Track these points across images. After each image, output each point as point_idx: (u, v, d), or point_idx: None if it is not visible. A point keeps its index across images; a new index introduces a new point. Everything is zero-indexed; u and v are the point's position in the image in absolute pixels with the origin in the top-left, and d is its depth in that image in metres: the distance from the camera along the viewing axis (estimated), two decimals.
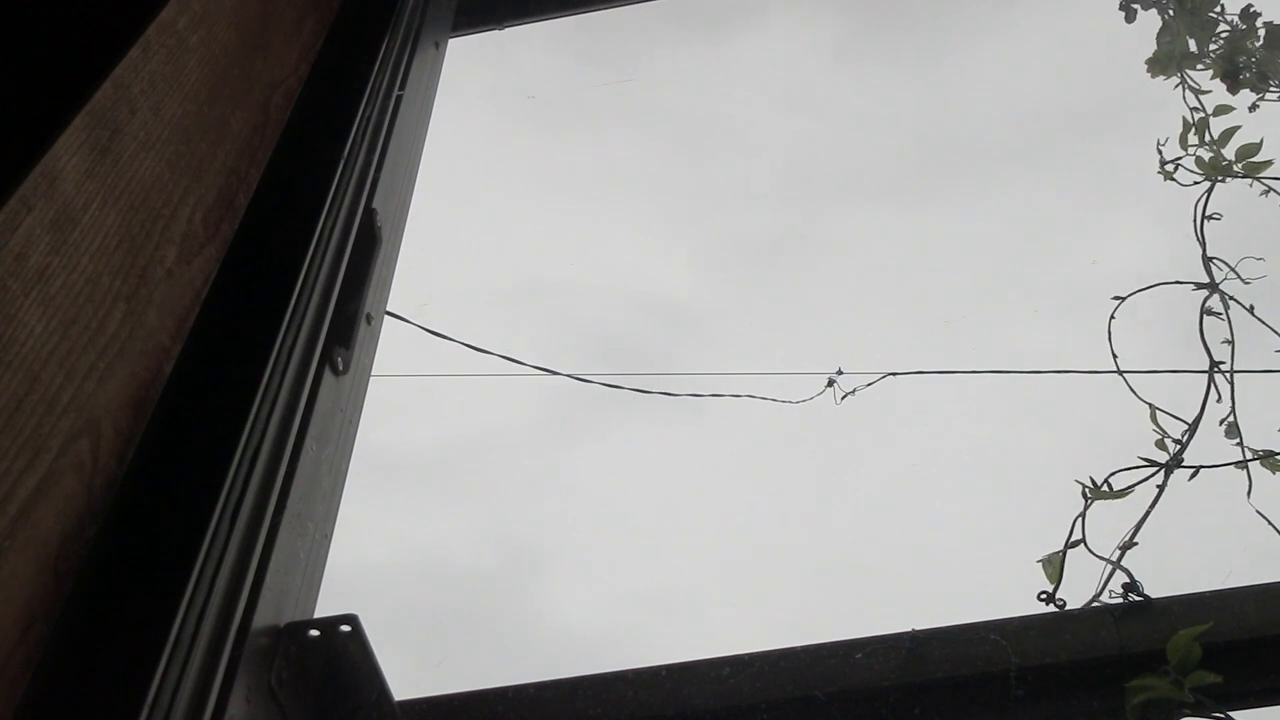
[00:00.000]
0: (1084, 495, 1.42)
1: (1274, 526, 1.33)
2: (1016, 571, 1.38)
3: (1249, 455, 1.48)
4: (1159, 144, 1.83)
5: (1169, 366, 1.73)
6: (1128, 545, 1.32)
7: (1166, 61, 1.98)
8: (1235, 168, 1.76)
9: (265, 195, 1.25)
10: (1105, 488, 1.43)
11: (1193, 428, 1.51)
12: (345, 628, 0.97)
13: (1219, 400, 1.55)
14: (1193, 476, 1.44)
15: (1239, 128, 1.79)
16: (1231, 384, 1.56)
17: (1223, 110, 1.85)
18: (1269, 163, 1.75)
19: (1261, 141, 1.77)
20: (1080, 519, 1.40)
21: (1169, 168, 1.80)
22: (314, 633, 0.97)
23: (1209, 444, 1.50)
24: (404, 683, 1.03)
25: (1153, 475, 1.44)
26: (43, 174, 0.90)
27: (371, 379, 1.29)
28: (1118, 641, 1.10)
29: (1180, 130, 1.84)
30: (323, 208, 1.22)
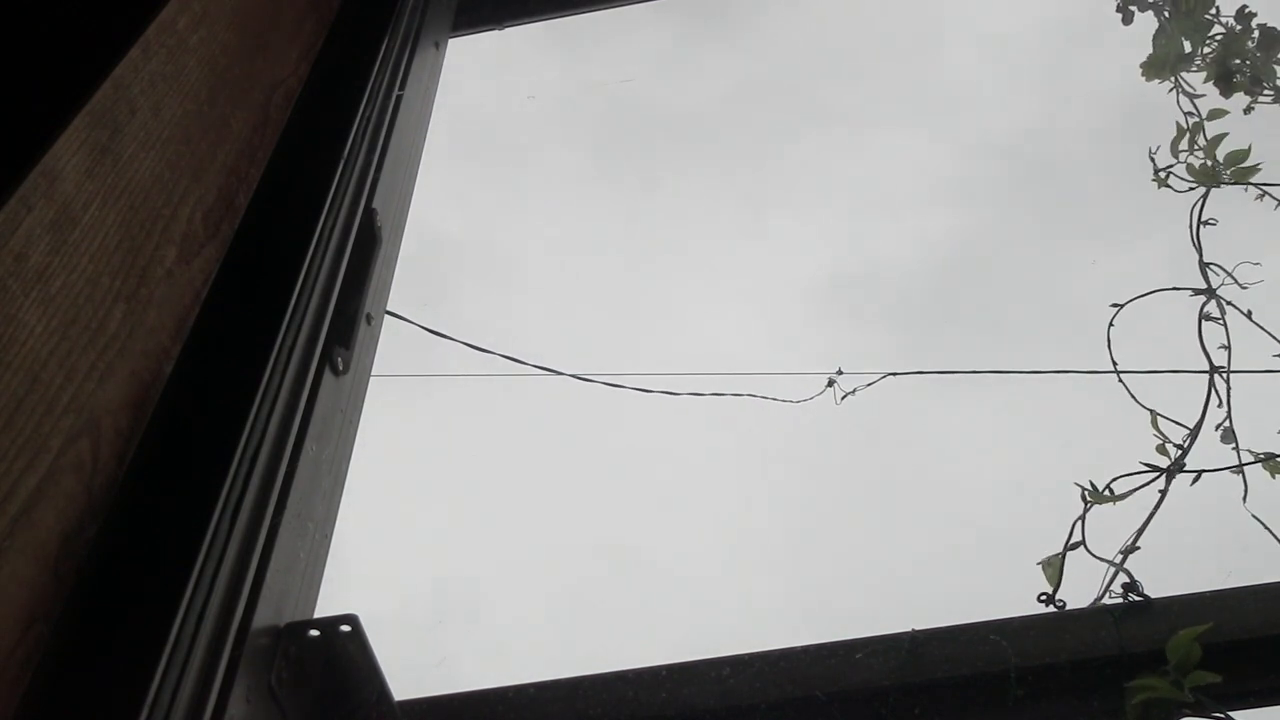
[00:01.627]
0: (1084, 499, 1.42)
1: (1271, 532, 1.34)
2: (1016, 573, 1.38)
3: (1250, 458, 1.49)
4: (1151, 152, 1.83)
5: (1169, 370, 1.73)
6: (1129, 550, 1.32)
7: (1161, 65, 1.99)
8: (1225, 175, 1.76)
9: (265, 195, 1.25)
10: (1106, 492, 1.43)
11: (1194, 433, 1.51)
12: (345, 628, 0.97)
13: (1220, 405, 1.55)
14: (1194, 481, 1.45)
15: (1227, 134, 1.80)
16: (1228, 388, 1.57)
17: (1216, 114, 1.85)
18: (1257, 168, 1.75)
19: (1250, 148, 1.77)
20: (1080, 522, 1.40)
21: (1162, 174, 1.80)
22: (314, 633, 0.97)
23: (1210, 447, 1.50)
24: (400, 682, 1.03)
25: (1154, 480, 1.44)
26: (43, 174, 0.90)
27: (371, 379, 1.29)
28: (1118, 641, 1.10)
29: (1173, 136, 1.84)
30: (323, 208, 1.22)
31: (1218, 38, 1.97)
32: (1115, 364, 1.64)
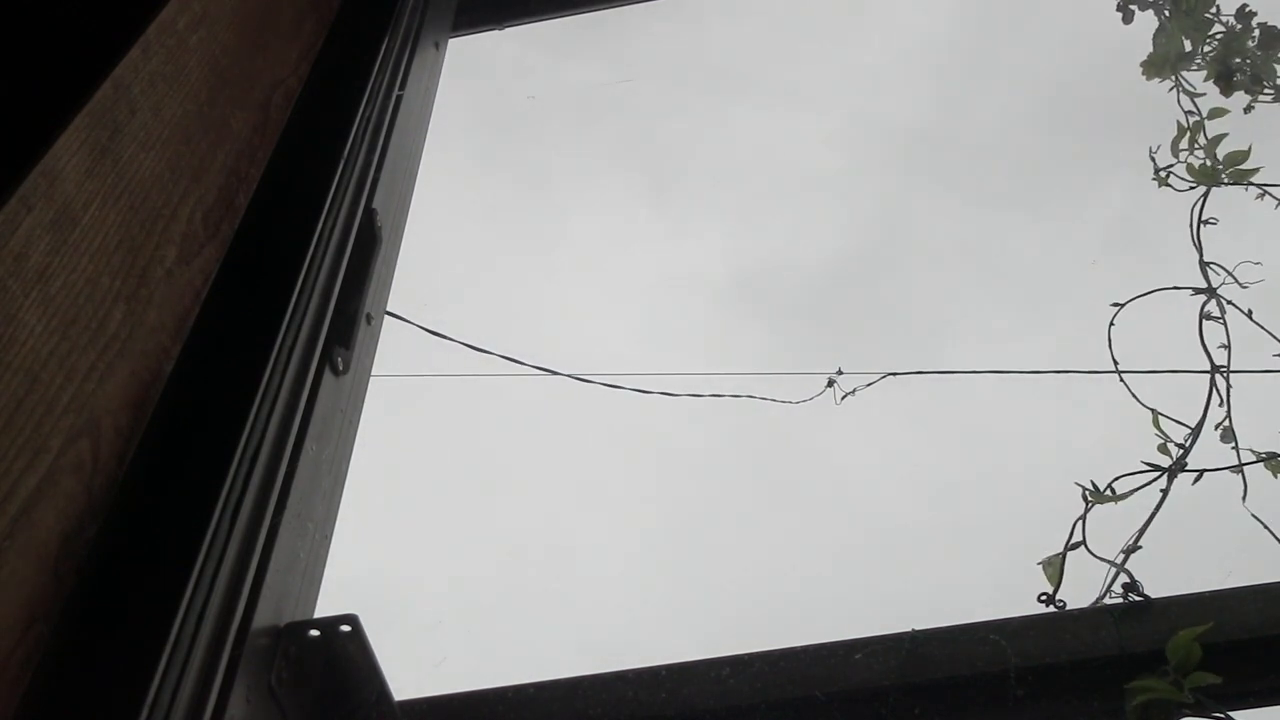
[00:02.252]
0: (1084, 499, 1.42)
1: (1270, 531, 1.34)
2: (1016, 573, 1.38)
3: (1252, 457, 1.49)
4: (1151, 151, 1.83)
5: (1170, 369, 1.74)
6: (1131, 549, 1.32)
7: (1161, 64, 1.99)
8: (1224, 175, 1.76)
9: (265, 195, 1.25)
10: (1108, 492, 1.43)
11: (1195, 432, 1.51)
12: (345, 628, 0.97)
13: (1221, 404, 1.55)
14: (1196, 480, 1.45)
15: (1227, 134, 1.80)
16: (1228, 388, 1.57)
17: (1217, 113, 1.85)
18: (1257, 169, 1.75)
19: (1250, 148, 1.77)
20: (1081, 521, 1.40)
21: (1162, 174, 1.80)
22: (314, 633, 0.97)
23: (1211, 447, 1.50)
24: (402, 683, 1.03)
25: (1155, 480, 1.44)
26: (43, 174, 0.90)
27: (371, 379, 1.29)
28: (1118, 641, 1.10)
29: (1174, 135, 1.84)
30: (323, 208, 1.22)
31: (1218, 36, 1.97)
32: (1116, 363, 1.64)
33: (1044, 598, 1.23)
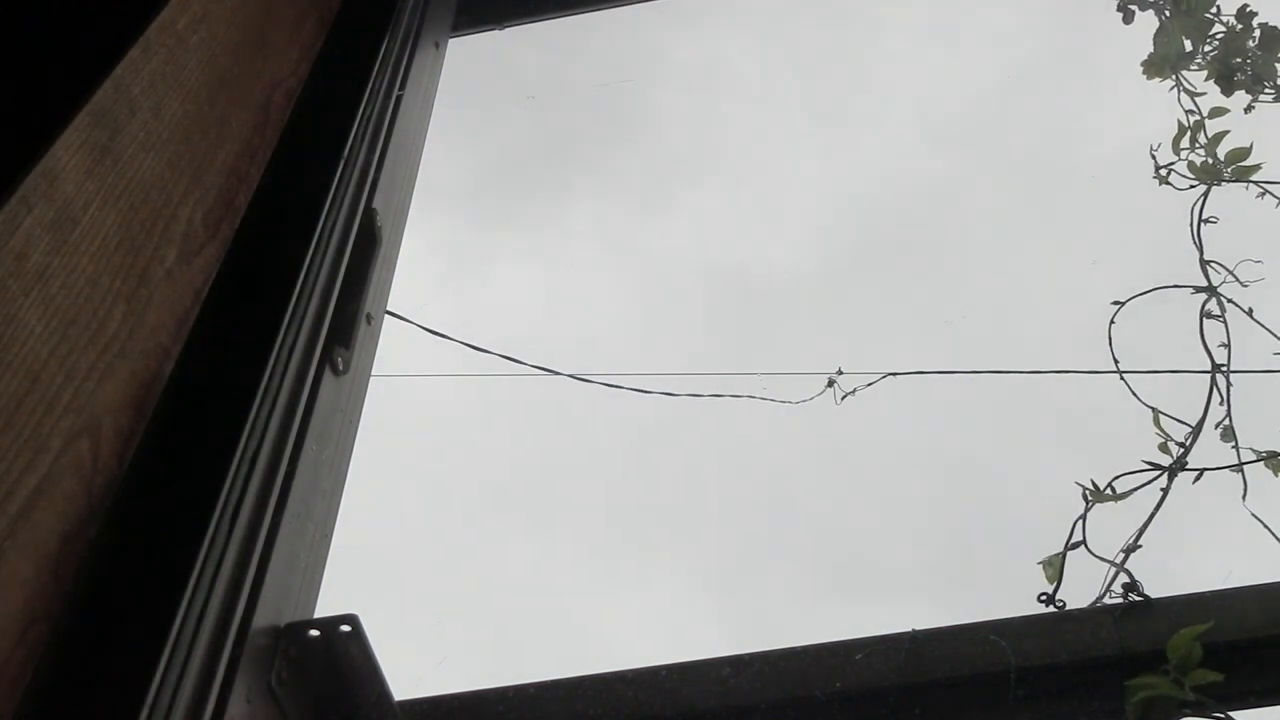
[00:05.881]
0: (1085, 498, 1.42)
1: (1270, 531, 1.34)
2: (1016, 572, 1.38)
3: (1252, 456, 1.49)
4: (1152, 149, 1.82)
5: (1170, 368, 1.73)
6: (1131, 548, 1.32)
7: (1161, 64, 1.99)
8: (1225, 172, 1.76)
9: (265, 195, 1.25)
10: (1109, 491, 1.43)
11: (1196, 431, 1.51)
12: (345, 628, 0.97)
13: (1221, 403, 1.55)
14: (1196, 479, 1.45)
15: (1228, 132, 1.80)
16: (1228, 387, 1.57)
17: (1218, 113, 1.85)
18: (1258, 166, 1.75)
19: (1251, 146, 1.77)
20: (1081, 521, 1.40)
21: (1163, 172, 1.80)
22: (314, 633, 0.97)
23: (1211, 446, 1.50)
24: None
25: (1156, 479, 1.44)
26: (43, 174, 0.90)
27: (371, 379, 1.29)
28: (1118, 641, 1.10)
29: (1174, 134, 1.84)
30: (323, 208, 1.22)
31: (1218, 37, 1.97)
32: (1116, 362, 1.64)
33: (1044, 598, 1.23)
